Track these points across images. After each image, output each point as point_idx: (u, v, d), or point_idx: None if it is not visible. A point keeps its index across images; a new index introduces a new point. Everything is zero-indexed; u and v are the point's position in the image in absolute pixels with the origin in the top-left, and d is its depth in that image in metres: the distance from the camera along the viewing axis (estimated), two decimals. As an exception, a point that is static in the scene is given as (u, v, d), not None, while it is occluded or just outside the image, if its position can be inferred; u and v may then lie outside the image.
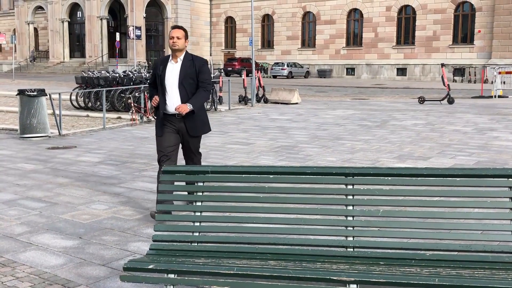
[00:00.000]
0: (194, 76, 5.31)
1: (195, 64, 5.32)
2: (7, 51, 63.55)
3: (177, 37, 5.23)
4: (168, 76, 5.34)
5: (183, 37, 5.26)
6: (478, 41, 40.05)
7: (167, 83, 5.34)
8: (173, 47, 5.25)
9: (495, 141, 10.64)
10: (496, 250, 2.91)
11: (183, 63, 5.32)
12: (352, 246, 3.02)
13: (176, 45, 5.24)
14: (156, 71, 5.44)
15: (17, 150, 10.02)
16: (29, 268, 4.18)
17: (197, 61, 5.39)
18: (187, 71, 5.28)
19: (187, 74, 5.28)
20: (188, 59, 5.34)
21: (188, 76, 5.29)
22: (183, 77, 5.28)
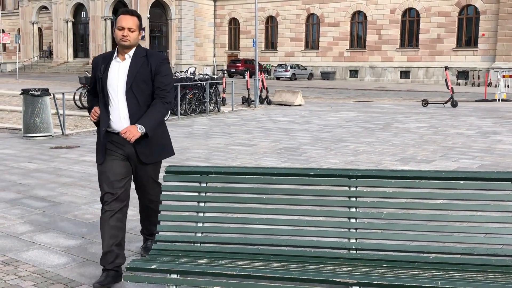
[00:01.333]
0: (148, 79, 3.82)
1: (150, 63, 3.83)
2: (11, 51, 63.71)
3: (129, 28, 3.75)
4: (112, 79, 3.82)
5: (137, 29, 3.80)
6: (482, 45, 40.00)
7: (110, 89, 3.82)
8: (123, 43, 3.77)
9: (498, 144, 10.62)
10: (499, 253, 2.91)
11: (133, 60, 3.82)
12: (355, 248, 3.02)
13: (127, 40, 3.76)
14: (95, 73, 3.94)
15: (21, 149, 10.04)
16: (31, 267, 4.19)
17: (154, 58, 3.86)
18: (139, 72, 3.79)
19: (139, 76, 3.79)
20: (141, 55, 3.86)
21: (140, 79, 3.79)
22: (133, 81, 3.77)
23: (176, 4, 51.53)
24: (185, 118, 15.92)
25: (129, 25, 3.77)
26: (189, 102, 16.87)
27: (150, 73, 3.82)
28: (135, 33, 3.81)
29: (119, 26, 3.78)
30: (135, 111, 3.79)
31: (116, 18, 3.99)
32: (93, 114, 3.94)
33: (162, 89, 3.84)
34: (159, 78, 3.83)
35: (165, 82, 3.85)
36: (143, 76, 3.81)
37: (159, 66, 3.84)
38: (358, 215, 3.09)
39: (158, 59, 3.88)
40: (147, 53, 3.90)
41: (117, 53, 3.90)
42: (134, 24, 3.78)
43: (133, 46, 3.85)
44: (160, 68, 3.84)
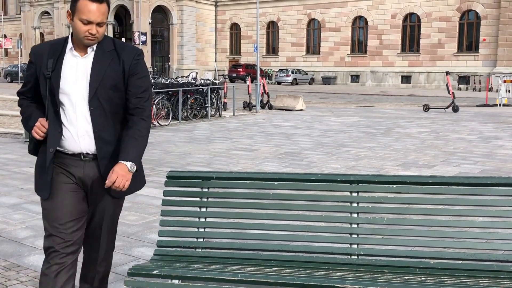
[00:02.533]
0: (120, 82, 2.77)
1: (123, 60, 2.77)
2: (13, 56, 63.86)
3: (98, 24, 2.66)
4: (67, 81, 2.73)
5: (106, 20, 2.74)
6: (483, 50, 40.02)
7: (63, 97, 2.74)
8: (87, 42, 2.70)
9: (500, 149, 10.62)
10: (501, 259, 2.90)
11: (97, 56, 2.75)
12: (357, 254, 3.02)
13: (94, 39, 2.70)
14: (37, 69, 2.79)
15: (22, 154, 10.04)
16: (33, 272, 4.18)
17: (126, 53, 2.79)
18: (107, 74, 2.73)
19: (107, 79, 2.73)
20: (108, 48, 2.77)
21: (108, 84, 2.73)
22: (99, 86, 2.72)
23: (178, 9, 51.66)
24: (186, 123, 15.93)
25: (99, 19, 2.65)
26: (191, 107, 16.90)
27: (123, 74, 2.76)
28: (104, 28, 2.72)
29: (84, 19, 2.62)
30: (100, 126, 2.75)
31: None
32: (38, 129, 2.75)
33: (139, 97, 2.79)
34: (135, 81, 2.78)
35: (143, 87, 2.81)
36: (112, 79, 2.74)
37: (134, 65, 2.78)
38: (359, 221, 3.08)
39: (132, 54, 2.79)
40: (116, 45, 2.80)
41: (72, 43, 2.76)
42: (104, 15, 2.68)
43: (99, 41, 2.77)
44: (136, 68, 2.78)
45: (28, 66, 2.88)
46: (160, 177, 7.69)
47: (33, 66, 2.83)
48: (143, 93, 2.81)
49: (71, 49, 2.77)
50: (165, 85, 17.08)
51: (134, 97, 2.80)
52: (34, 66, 2.82)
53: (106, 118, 2.77)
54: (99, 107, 2.74)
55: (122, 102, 2.81)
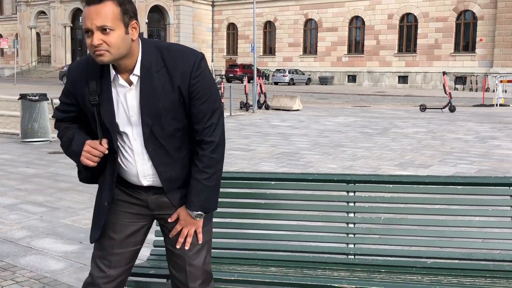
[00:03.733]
0: (179, 111, 2.20)
1: (176, 84, 2.14)
2: (9, 56, 63.71)
3: (101, 29, 2.04)
4: (121, 120, 2.22)
5: (118, 22, 2.05)
6: (480, 50, 40.11)
7: (119, 137, 2.27)
8: (99, 60, 2.08)
9: (496, 149, 10.64)
10: (497, 258, 2.91)
11: (144, 84, 2.15)
12: (353, 253, 3.02)
13: (103, 54, 2.06)
14: (81, 102, 2.26)
15: (19, 154, 10.02)
16: (29, 273, 4.17)
17: (179, 70, 2.14)
18: (162, 106, 2.16)
19: (163, 113, 2.17)
20: (156, 67, 2.14)
21: (165, 118, 2.18)
22: (153, 122, 2.18)
23: (174, 9, 51.64)
24: (183, 123, 15.91)
25: (98, 21, 2.02)
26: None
27: (181, 100, 2.17)
28: (116, 34, 2.05)
29: (84, 29, 2.07)
30: (163, 167, 2.26)
31: None
32: (89, 154, 2.24)
33: (205, 127, 2.20)
34: (198, 106, 2.18)
35: (209, 112, 2.19)
36: (169, 112, 2.17)
37: (193, 83, 2.14)
38: (356, 220, 3.09)
39: (188, 72, 2.13)
40: (165, 60, 2.14)
41: (112, 68, 2.17)
42: (108, 16, 2.03)
43: (123, 57, 2.11)
44: (195, 89, 2.15)
45: (66, 94, 2.32)
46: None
47: (73, 98, 2.29)
48: (210, 119, 2.20)
49: (116, 76, 2.18)
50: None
51: (198, 125, 2.21)
52: (75, 99, 2.29)
53: (170, 156, 2.26)
54: (158, 147, 2.23)
55: (186, 131, 2.26)
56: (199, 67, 2.16)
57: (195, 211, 2.27)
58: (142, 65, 2.14)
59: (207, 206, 2.29)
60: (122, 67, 2.15)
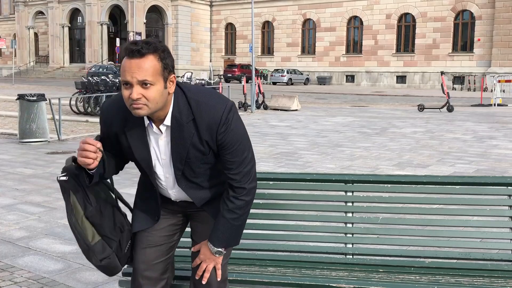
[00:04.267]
0: (210, 157, 2.29)
1: (204, 138, 2.22)
2: (7, 56, 63.65)
3: (142, 83, 2.05)
4: (156, 164, 2.33)
5: (158, 75, 2.07)
6: (478, 50, 40.16)
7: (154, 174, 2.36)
8: (137, 113, 2.11)
9: (494, 149, 10.65)
10: (495, 258, 2.91)
11: (174, 133, 2.23)
12: (352, 253, 3.02)
13: (140, 108, 2.09)
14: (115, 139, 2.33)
15: (17, 154, 10.01)
16: (27, 273, 4.17)
17: (206, 123, 2.20)
18: (191, 155, 2.26)
19: (193, 160, 2.28)
20: (186, 119, 2.20)
21: (195, 164, 2.29)
22: (185, 168, 2.30)
23: (173, 9, 51.62)
24: (181, 123, 15.91)
25: (140, 76, 2.04)
26: (186, 107, 16.86)
27: (209, 150, 2.26)
28: (156, 89, 2.07)
29: (122, 80, 2.08)
30: (196, 194, 2.38)
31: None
32: (84, 152, 2.17)
33: (234, 173, 2.27)
34: (225, 156, 2.25)
35: (236, 160, 2.25)
36: (199, 158, 2.27)
37: (220, 138, 2.21)
38: (354, 220, 3.09)
39: (213, 125, 2.19)
40: (194, 112, 2.19)
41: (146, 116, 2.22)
42: (149, 71, 2.04)
43: (160, 108, 2.15)
44: (222, 139, 2.21)
45: (105, 139, 2.35)
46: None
47: (110, 141, 2.35)
48: (239, 168, 2.26)
49: (150, 124, 2.23)
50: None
51: (229, 172, 2.28)
52: (111, 140, 2.34)
53: (202, 187, 2.37)
54: (190, 183, 2.34)
55: (218, 171, 2.35)
56: (226, 121, 2.20)
57: (217, 247, 2.34)
58: (173, 115, 2.20)
59: (230, 243, 2.38)
60: (155, 117, 2.20)
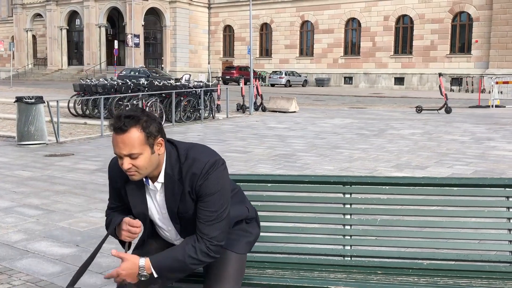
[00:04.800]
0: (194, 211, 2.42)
1: (187, 190, 2.37)
2: (5, 58, 63.59)
3: (129, 156, 2.27)
4: (155, 216, 2.52)
5: (144, 145, 2.27)
6: (476, 51, 40.22)
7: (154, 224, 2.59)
8: (133, 179, 2.36)
9: (492, 150, 10.66)
10: (493, 259, 2.91)
11: (167, 190, 2.41)
12: (350, 255, 3.02)
13: (134, 174, 2.33)
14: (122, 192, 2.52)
15: (15, 157, 10.00)
16: (25, 276, 4.16)
17: (189, 178, 2.36)
18: (182, 210, 2.43)
19: (183, 213, 2.43)
20: (177, 176, 2.38)
21: (190, 216, 2.43)
22: (181, 222, 2.48)
23: (171, 11, 51.63)
24: (179, 125, 15.92)
25: (124, 151, 2.26)
26: (184, 109, 16.88)
27: (193, 203, 2.39)
28: (144, 157, 2.27)
29: (114, 152, 2.32)
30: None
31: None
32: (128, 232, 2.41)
33: (202, 223, 2.36)
34: (200, 205, 2.37)
35: (208, 210, 2.36)
36: (190, 213, 2.42)
37: (198, 188, 2.35)
38: (352, 222, 3.09)
39: (195, 173, 2.34)
40: (182, 168, 2.36)
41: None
42: (134, 144, 2.24)
43: (153, 170, 2.36)
44: (200, 188, 2.35)
45: (112, 195, 2.59)
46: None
47: (117, 196, 2.56)
48: (209, 221, 2.36)
49: (147, 182, 2.42)
50: (158, 87, 17.07)
51: (199, 222, 2.38)
52: (119, 196, 2.55)
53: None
54: (192, 232, 2.42)
55: None
56: (206, 174, 2.34)
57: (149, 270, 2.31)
58: (166, 173, 2.38)
59: (163, 273, 2.34)
60: (150, 175, 2.38)
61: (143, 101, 15.12)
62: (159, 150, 2.32)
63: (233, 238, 2.55)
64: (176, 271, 2.37)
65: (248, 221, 2.67)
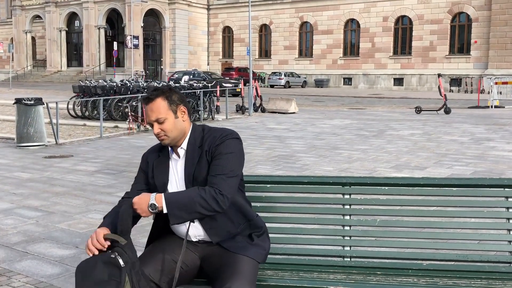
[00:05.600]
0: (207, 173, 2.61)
1: (206, 150, 2.63)
2: (4, 60, 63.56)
3: (156, 121, 2.61)
4: (172, 184, 2.71)
5: (169, 112, 2.61)
6: (475, 52, 40.23)
7: None
8: (163, 143, 2.69)
9: (491, 151, 10.66)
10: (493, 260, 2.91)
11: (188, 156, 2.67)
12: (349, 256, 3.02)
13: (164, 139, 2.65)
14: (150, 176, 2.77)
15: (14, 159, 10.00)
16: (25, 278, 4.16)
17: (209, 141, 2.64)
18: (196, 172, 2.63)
19: (198, 178, 2.62)
20: (198, 144, 2.66)
21: (199, 181, 2.61)
22: (193, 183, 2.63)
23: (170, 13, 51.64)
24: (179, 126, 15.90)
25: (153, 116, 2.60)
26: (183, 111, 16.86)
27: (207, 164, 2.61)
28: (169, 122, 2.60)
29: (147, 122, 2.71)
30: (214, 230, 2.66)
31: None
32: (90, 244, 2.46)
33: (214, 176, 2.55)
34: (214, 162, 2.59)
35: (221, 165, 2.56)
36: (202, 170, 2.61)
37: (215, 149, 2.60)
38: (352, 223, 3.09)
39: (213, 142, 2.62)
40: (204, 136, 2.67)
41: (170, 147, 2.73)
42: (160, 110, 2.59)
43: (180, 136, 2.65)
44: (216, 151, 2.59)
45: (139, 171, 2.85)
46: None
47: (142, 169, 2.84)
48: (221, 174, 2.54)
49: (171, 152, 2.73)
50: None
51: (211, 175, 2.57)
52: (144, 172, 2.81)
53: (216, 220, 2.64)
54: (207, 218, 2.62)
55: (235, 209, 2.69)
56: (223, 139, 2.61)
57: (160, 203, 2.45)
58: (189, 141, 2.68)
59: (172, 209, 2.46)
60: (177, 144, 2.69)
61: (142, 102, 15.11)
62: (182, 117, 2.65)
63: (244, 245, 2.63)
64: (184, 209, 2.47)
65: (259, 233, 2.74)
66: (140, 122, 14.75)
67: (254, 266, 2.57)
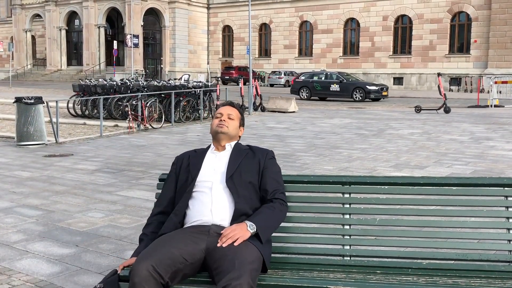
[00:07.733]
0: (255, 172, 3.04)
1: (257, 155, 3.12)
2: (4, 59, 63.55)
3: (228, 115, 3.20)
4: (207, 171, 3.06)
5: (238, 120, 3.23)
6: (474, 51, 40.21)
7: (201, 184, 3.01)
8: (219, 129, 3.14)
9: (491, 150, 10.67)
10: (492, 259, 2.92)
11: (234, 151, 3.13)
12: (349, 255, 3.02)
13: (223, 126, 3.15)
14: (177, 174, 3.16)
15: (14, 157, 10.00)
16: (25, 276, 4.17)
17: (260, 152, 3.15)
18: (243, 162, 3.06)
19: (243, 166, 3.04)
20: (244, 147, 3.18)
21: (244, 170, 3.02)
22: (235, 171, 3.00)
23: (170, 12, 51.60)
24: (179, 125, 15.92)
25: (228, 111, 3.21)
26: (183, 110, 16.88)
27: (258, 166, 3.07)
28: (235, 123, 3.20)
29: (217, 114, 3.23)
30: (231, 203, 2.93)
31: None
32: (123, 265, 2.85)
33: (278, 190, 3.03)
34: (271, 174, 3.07)
35: (280, 181, 3.09)
36: (248, 166, 3.05)
37: (268, 161, 3.11)
38: (352, 222, 3.09)
39: (265, 153, 3.15)
40: (251, 147, 3.21)
41: (212, 145, 3.23)
42: (234, 113, 3.23)
43: (232, 137, 3.18)
44: (268, 163, 3.11)
45: (170, 173, 3.23)
46: (152, 180, 7.69)
47: (172, 174, 3.19)
48: (281, 185, 3.08)
49: (211, 149, 3.21)
50: (157, 87, 17.08)
51: (274, 190, 3.03)
52: (174, 173, 3.18)
53: (238, 196, 2.93)
54: (232, 187, 2.95)
55: (255, 194, 3.02)
56: (272, 155, 3.20)
57: (250, 221, 2.81)
58: (236, 144, 3.20)
59: (261, 226, 2.81)
60: (222, 143, 3.18)
61: (142, 101, 15.11)
62: (240, 131, 3.28)
63: (252, 238, 2.80)
64: (272, 226, 2.93)
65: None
66: (140, 121, 14.75)
67: (258, 259, 2.70)
